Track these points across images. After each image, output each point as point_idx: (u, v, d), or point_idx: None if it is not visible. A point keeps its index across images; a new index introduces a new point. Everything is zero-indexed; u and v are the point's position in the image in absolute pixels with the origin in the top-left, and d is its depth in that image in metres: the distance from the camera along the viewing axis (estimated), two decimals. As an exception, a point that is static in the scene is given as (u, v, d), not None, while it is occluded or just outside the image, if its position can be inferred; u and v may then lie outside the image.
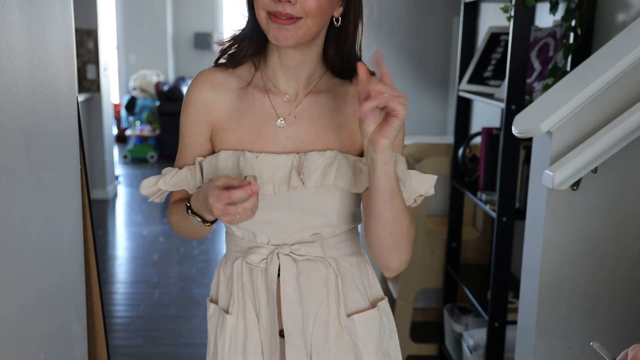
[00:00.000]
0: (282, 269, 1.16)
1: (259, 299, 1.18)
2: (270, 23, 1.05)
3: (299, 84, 1.15)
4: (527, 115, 1.52)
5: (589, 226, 1.53)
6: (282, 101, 1.15)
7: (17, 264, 1.28)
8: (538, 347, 1.58)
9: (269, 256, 1.17)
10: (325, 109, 1.15)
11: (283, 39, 1.05)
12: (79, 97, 5.05)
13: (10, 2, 1.21)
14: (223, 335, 1.21)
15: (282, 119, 1.14)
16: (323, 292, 1.18)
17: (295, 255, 1.17)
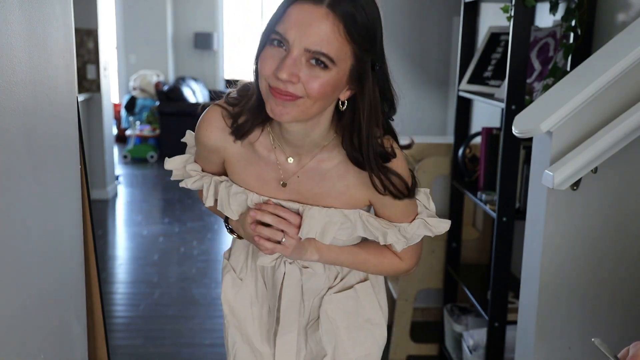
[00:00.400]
0: (287, 275, 1.31)
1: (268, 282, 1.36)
2: (269, 96, 1.04)
3: (302, 150, 1.17)
4: (527, 115, 1.52)
5: (589, 226, 1.53)
6: (286, 160, 1.20)
7: (17, 264, 1.28)
8: (538, 347, 1.58)
9: (277, 260, 1.31)
10: (328, 176, 1.18)
11: (279, 114, 1.04)
12: (79, 97, 5.06)
13: (10, 2, 1.21)
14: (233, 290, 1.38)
15: (283, 182, 1.20)
16: (325, 285, 1.34)
17: (300, 265, 1.30)
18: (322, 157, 1.17)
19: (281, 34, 1.00)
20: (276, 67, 1.01)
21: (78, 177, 1.64)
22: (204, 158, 1.30)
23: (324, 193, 1.19)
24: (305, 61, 1.00)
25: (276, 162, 1.20)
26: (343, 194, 1.19)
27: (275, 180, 1.21)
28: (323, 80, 1.01)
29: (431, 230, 1.24)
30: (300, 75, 1.00)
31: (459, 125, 2.62)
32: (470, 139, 2.56)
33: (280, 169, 1.20)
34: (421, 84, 3.50)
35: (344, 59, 1.02)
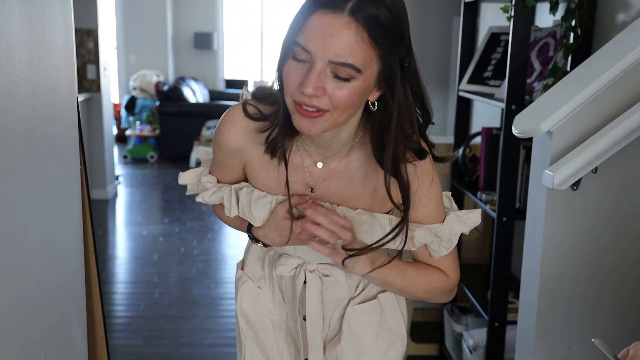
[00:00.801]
0: (308, 284, 1.26)
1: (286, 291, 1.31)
2: (295, 112, 1.01)
3: (329, 152, 1.14)
4: (527, 115, 1.52)
5: (589, 226, 1.53)
6: (314, 165, 1.16)
7: (17, 264, 1.27)
8: (538, 347, 1.58)
9: (297, 269, 1.26)
10: (355, 178, 1.15)
11: (307, 130, 1.01)
12: (79, 97, 5.05)
13: (10, 2, 1.21)
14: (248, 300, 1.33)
15: (311, 187, 1.16)
16: (345, 295, 1.29)
17: (320, 274, 1.26)
18: (349, 158, 1.14)
19: (302, 45, 0.96)
20: (300, 82, 0.97)
21: (78, 177, 1.64)
22: (223, 165, 1.24)
23: (352, 195, 1.16)
24: (329, 72, 0.96)
25: (302, 165, 1.16)
26: (371, 194, 1.15)
27: (301, 184, 1.17)
28: (350, 90, 0.97)
29: (466, 222, 1.18)
30: (326, 88, 0.97)
31: (458, 125, 2.62)
32: (470, 139, 2.56)
33: (307, 173, 1.16)
34: (421, 84, 3.50)
35: (370, 65, 0.97)
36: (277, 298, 1.34)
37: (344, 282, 1.27)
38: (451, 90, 3.45)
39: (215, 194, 1.25)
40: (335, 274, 1.26)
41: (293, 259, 1.27)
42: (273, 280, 1.33)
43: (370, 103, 1.04)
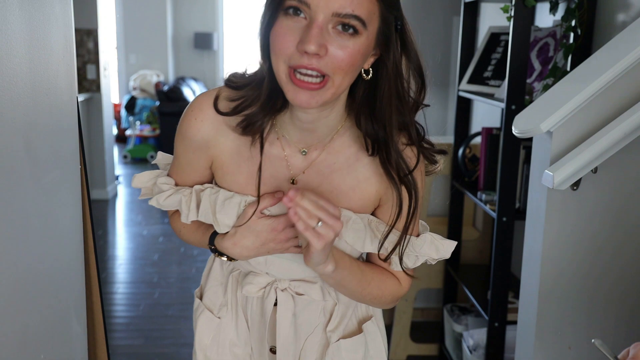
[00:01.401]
0: (279, 305, 1.11)
1: (253, 317, 1.15)
2: (290, 83, 0.88)
3: (312, 139, 1.01)
4: (527, 115, 1.52)
5: (588, 226, 1.53)
6: (295, 153, 1.02)
7: (17, 264, 1.27)
8: (538, 347, 1.58)
9: (266, 288, 1.11)
10: (336, 168, 1.02)
11: (306, 103, 0.89)
12: (79, 97, 5.05)
13: (10, 2, 1.21)
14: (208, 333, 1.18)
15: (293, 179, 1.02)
16: (320, 320, 1.14)
17: (293, 292, 1.11)
18: (332, 147, 1.02)
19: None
20: (299, 40, 0.85)
21: (78, 177, 1.64)
22: (185, 164, 1.08)
23: (333, 190, 1.03)
24: (331, 29, 0.85)
25: (282, 155, 1.02)
26: (353, 189, 1.03)
27: (280, 177, 1.03)
28: (354, 49, 0.86)
29: (437, 248, 1.09)
30: (328, 47, 0.85)
31: (458, 125, 2.62)
32: (470, 139, 2.56)
33: (287, 164, 1.02)
34: (421, 84, 3.50)
35: (372, 20, 0.88)
36: (241, 329, 1.17)
37: (320, 301, 1.13)
38: (451, 90, 3.45)
39: (171, 197, 1.08)
40: (310, 292, 1.11)
41: (262, 277, 1.11)
42: (237, 306, 1.17)
43: (364, 71, 0.94)
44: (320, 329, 1.15)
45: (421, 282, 2.83)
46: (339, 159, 1.02)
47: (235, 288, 1.16)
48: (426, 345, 2.89)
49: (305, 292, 1.11)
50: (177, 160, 1.09)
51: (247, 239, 1.03)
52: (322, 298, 1.12)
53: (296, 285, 1.11)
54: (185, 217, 1.06)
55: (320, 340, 1.15)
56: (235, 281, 1.16)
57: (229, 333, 1.17)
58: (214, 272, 1.19)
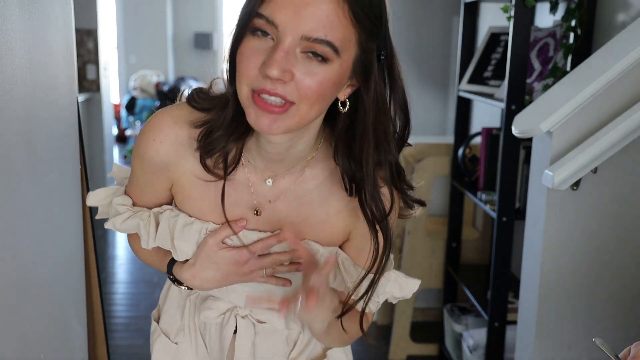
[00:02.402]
0: (239, 333, 1.04)
1: (211, 344, 1.08)
2: (252, 106, 0.80)
3: (280, 168, 0.93)
4: (527, 115, 1.52)
5: (589, 226, 1.53)
6: (261, 181, 0.94)
7: (17, 264, 1.27)
8: (538, 347, 1.58)
9: (226, 313, 1.04)
10: (306, 201, 0.95)
11: (267, 128, 0.80)
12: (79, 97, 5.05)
13: (10, 2, 1.21)
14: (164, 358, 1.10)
15: (257, 209, 0.95)
16: (282, 349, 1.06)
17: (254, 319, 1.04)
18: (303, 176, 0.94)
19: (267, 17, 0.76)
20: (262, 62, 0.77)
21: (78, 178, 1.64)
22: (143, 184, 0.99)
23: (301, 221, 0.95)
24: (300, 53, 0.77)
25: (247, 182, 0.94)
26: (322, 222, 0.96)
27: (243, 206, 0.95)
28: (323, 77, 0.78)
29: (401, 287, 1.00)
30: (295, 73, 0.77)
31: (459, 125, 2.62)
32: (470, 139, 2.56)
33: (252, 192, 0.95)
34: (421, 84, 3.50)
35: (347, 48, 0.79)
36: (200, 354, 1.09)
37: (283, 330, 1.05)
38: (451, 90, 3.45)
39: (129, 220, 0.99)
40: (272, 320, 1.03)
41: (221, 302, 1.03)
42: (196, 331, 1.08)
43: (340, 103, 0.86)
44: (282, 358, 1.07)
45: (421, 282, 2.83)
46: (310, 190, 0.95)
47: (193, 312, 1.08)
48: (426, 345, 2.89)
49: (267, 320, 1.03)
50: (135, 179, 1.00)
51: (207, 270, 0.96)
52: (284, 327, 1.03)
53: (258, 313, 1.03)
54: (145, 242, 0.99)
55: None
56: (193, 305, 1.08)
57: (188, 358, 1.09)
58: (172, 293, 1.11)
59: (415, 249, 2.78)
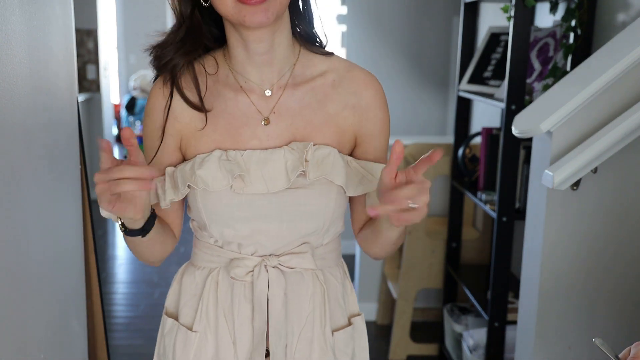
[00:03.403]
0: (271, 283, 1.06)
1: (238, 316, 1.08)
2: (243, 8, 0.92)
3: (273, 73, 1.04)
4: (527, 115, 1.52)
5: (588, 226, 1.53)
6: (260, 97, 1.03)
7: (17, 264, 1.28)
8: (538, 347, 1.58)
9: (255, 269, 1.06)
10: (304, 104, 1.04)
11: (265, 18, 0.93)
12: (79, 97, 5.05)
13: (10, 2, 1.21)
14: (186, 354, 1.10)
15: (265, 119, 1.03)
16: (309, 308, 1.09)
17: (285, 267, 1.07)
18: (294, 81, 1.04)
19: None
20: None
21: (78, 178, 1.64)
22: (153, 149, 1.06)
23: (306, 125, 1.03)
24: None
25: (248, 101, 1.03)
26: (326, 123, 1.04)
27: (251, 120, 1.03)
28: None
29: None
30: None
31: (459, 125, 2.62)
32: (470, 139, 2.56)
33: (256, 107, 1.03)
34: (421, 84, 3.50)
35: None
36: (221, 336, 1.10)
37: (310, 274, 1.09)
38: (451, 90, 3.46)
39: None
40: (302, 262, 1.06)
41: (248, 260, 1.07)
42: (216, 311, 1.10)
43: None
44: (311, 321, 1.10)
45: (421, 282, 2.84)
46: (305, 94, 1.04)
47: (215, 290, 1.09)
48: (426, 345, 2.90)
49: (297, 264, 1.07)
50: (145, 150, 1.06)
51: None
52: (314, 265, 1.07)
53: (286, 260, 1.07)
54: (163, 202, 1.03)
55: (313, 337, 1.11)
56: (214, 282, 1.10)
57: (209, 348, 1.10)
58: (185, 286, 1.13)
59: (415, 249, 2.79)
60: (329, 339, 1.10)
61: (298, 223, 1.05)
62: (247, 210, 1.03)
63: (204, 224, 1.06)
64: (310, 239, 1.07)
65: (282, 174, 1.01)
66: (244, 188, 1.01)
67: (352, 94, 1.05)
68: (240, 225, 1.04)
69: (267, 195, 1.02)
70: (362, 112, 1.06)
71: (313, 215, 1.05)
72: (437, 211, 2.93)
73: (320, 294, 1.10)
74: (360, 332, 1.17)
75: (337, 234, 1.13)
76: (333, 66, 1.07)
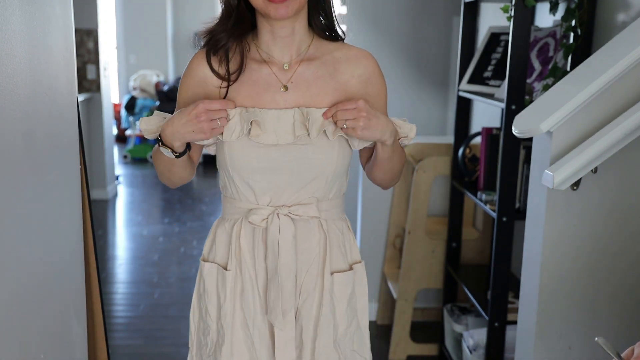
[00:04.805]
0: (282, 229, 1.30)
1: (257, 255, 1.33)
2: (269, 5, 1.20)
3: (291, 52, 1.29)
4: (527, 115, 1.52)
5: (589, 226, 1.53)
6: (280, 69, 1.29)
7: (17, 264, 1.28)
8: (538, 347, 1.58)
9: (269, 217, 1.30)
10: (318, 75, 1.29)
11: (286, 13, 1.20)
12: (79, 97, 5.05)
13: (10, 2, 1.21)
14: (224, 289, 1.34)
15: (285, 85, 1.28)
16: (315, 250, 1.34)
17: (294, 215, 1.31)
18: (308, 57, 1.30)
19: None
20: None
21: (78, 177, 1.64)
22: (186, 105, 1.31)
23: (320, 92, 1.28)
24: None
25: (269, 71, 1.29)
26: (338, 90, 1.29)
27: (270, 95, 1.28)
28: None
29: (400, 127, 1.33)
30: None
31: (459, 125, 2.62)
32: (470, 139, 2.56)
33: (276, 77, 1.29)
34: (421, 84, 3.50)
35: None
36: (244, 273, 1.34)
37: (317, 217, 1.32)
38: (451, 90, 3.45)
39: None
40: (308, 211, 1.31)
41: (263, 209, 1.31)
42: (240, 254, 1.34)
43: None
44: (316, 261, 1.34)
45: (421, 282, 2.84)
46: (318, 66, 1.30)
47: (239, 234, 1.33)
48: (426, 345, 2.89)
49: (303, 213, 1.31)
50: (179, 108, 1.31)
51: (175, 117, 1.25)
52: (318, 214, 1.32)
53: (295, 209, 1.31)
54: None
55: (317, 273, 1.34)
56: (238, 229, 1.34)
57: (239, 282, 1.34)
58: (219, 235, 1.37)
59: (415, 249, 2.78)
60: (327, 278, 1.34)
61: (305, 174, 1.29)
62: (264, 161, 1.27)
63: (229, 174, 1.31)
64: (317, 192, 1.31)
65: (290, 130, 1.25)
66: (259, 136, 1.25)
67: (358, 66, 1.32)
68: (258, 176, 1.29)
69: (279, 148, 1.26)
70: (366, 79, 1.32)
71: (318, 167, 1.29)
72: (437, 211, 2.93)
73: (324, 241, 1.34)
74: (360, 276, 1.40)
75: (341, 192, 1.37)
76: (339, 47, 1.33)
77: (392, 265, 3.09)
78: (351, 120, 1.21)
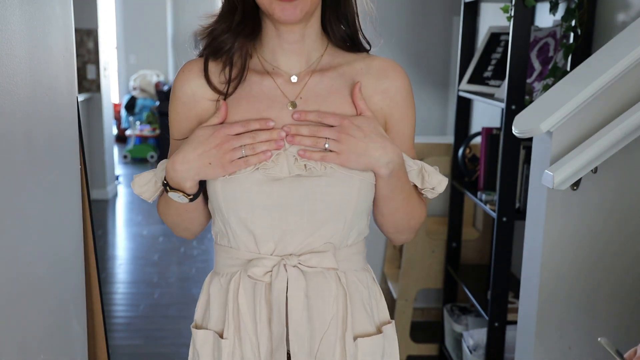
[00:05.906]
0: (290, 284, 1.03)
1: (260, 318, 1.06)
2: (277, 4, 0.98)
3: (301, 62, 1.06)
4: (527, 115, 1.52)
5: (588, 226, 1.53)
6: (287, 82, 1.06)
7: (17, 264, 1.28)
8: (538, 347, 1.58)
9: (274, 268, 1.03)
10: (333, 89, 1.05)
11: (293, 15, 0.98)
12: (79, 97, 5.05)
13: (10, 2, 1.21)
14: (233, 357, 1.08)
15: (292, 102, 1.04)
16: (332, 310, 1.06)
17: (305, 267, 1.03)
18: (321, 67, 1.07)
19: None
20: None
21: (78, 177, 1.64)
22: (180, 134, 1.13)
23: (335, 110, 1.04)
24: None
25: (274, 85, 1.05)
26: (353, 109, 1.05)
27: (278, 104, 1.04)
28: None
29: (424, 178, 1.09)
30: None
31: (459, 125, 2.62)
32: (470, 139, 2.56)
33: (282, 92, 1.05)
34: (421, 84, 3.50)
35: None
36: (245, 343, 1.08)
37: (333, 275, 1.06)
38: (451, 90, 3.45)
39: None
40: (323, 261, 1.03)
41: (268, 260, 1.04)
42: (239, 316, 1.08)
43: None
44: (334, 324, 1.07)
45: (421, 282, 2.84)
46: (334, 80, 1.06)
47: (236, 292, 1.08)
48: (426, 345, 2.89)
49: (317, 263, 1.03)
50: (171, 136, 1.15)
51: (184, 151, 1.03)
52: (335, 265, 1.04)
53: (306, 259, 1.03)
54: None
55: (336, 340, 1.07)
56: (236, 285, 1.08)
57: (237, 353, 1.09)
58: (213, 294, 1.12)
59: (415, 249, 2.79)
60: (349, 346, 1.07)
61: (319, 214, 1.02)
62: (266, 199, 1.01)
63: (224, 217, 1.05)
64: (333, 237, 1.04)
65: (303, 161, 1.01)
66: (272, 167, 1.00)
67: (383, 80, 1.07)
68: (260, 214, 1.02)
69: (287, 183, 1.00)
70: (392, 96, 1.08)
71: (334, 205, 1.02)
72: (437, 211, 2.93)
73: (343, 297, 1.07)
74: (391, 341, 1.13)
75: (362, 236, 1.11)
76: (360, 57, 1.10)
77: (392, 265, 3.09)
78: (332, 141, 0.98)
